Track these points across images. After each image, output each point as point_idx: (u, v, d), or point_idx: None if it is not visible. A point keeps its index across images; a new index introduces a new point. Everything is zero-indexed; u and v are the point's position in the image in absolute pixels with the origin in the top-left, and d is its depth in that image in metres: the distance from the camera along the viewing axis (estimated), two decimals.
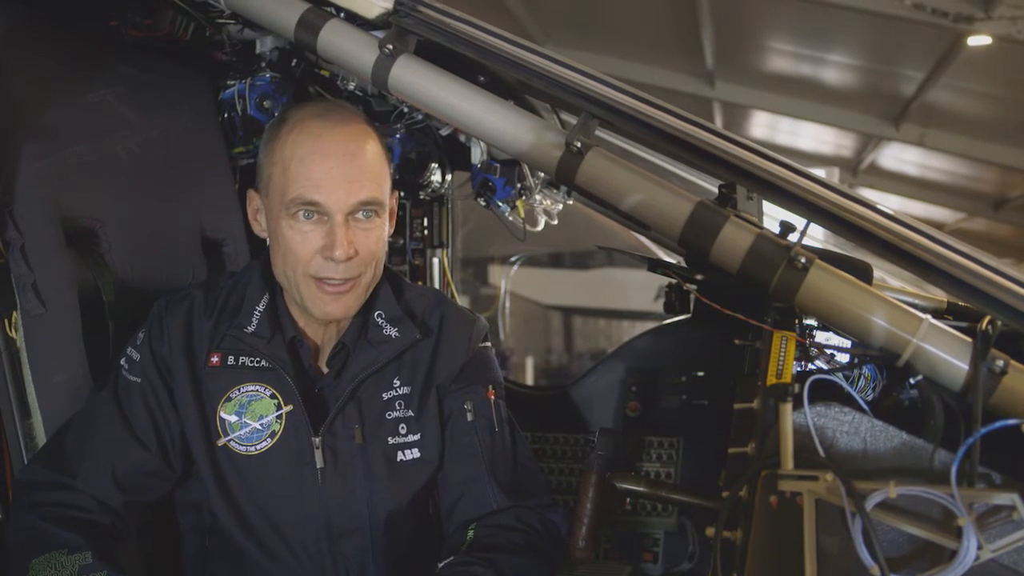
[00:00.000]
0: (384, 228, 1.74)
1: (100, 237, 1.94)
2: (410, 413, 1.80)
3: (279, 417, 1.73)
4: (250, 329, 1.74)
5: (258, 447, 1.72)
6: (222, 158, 2.30)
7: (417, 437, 1.80)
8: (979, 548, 1.31)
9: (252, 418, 1.73)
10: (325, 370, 1.79)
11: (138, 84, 2.13)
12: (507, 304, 6.17)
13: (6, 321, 1.75)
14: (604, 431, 2.03)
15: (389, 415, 1.79)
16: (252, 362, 1.75)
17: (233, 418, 1.73)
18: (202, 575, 1.76)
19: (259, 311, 1.75)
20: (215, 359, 1.74)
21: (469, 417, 1.84)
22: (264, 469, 1.72)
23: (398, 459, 1.78)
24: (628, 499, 2.29)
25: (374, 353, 1.78)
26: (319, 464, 1.72)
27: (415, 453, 1.79)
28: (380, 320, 1.79)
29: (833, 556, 1.36)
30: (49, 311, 1.77)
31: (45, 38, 1.98)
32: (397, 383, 1.80)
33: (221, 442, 1.72)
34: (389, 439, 1.78)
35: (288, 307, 1.79)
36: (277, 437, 1.72)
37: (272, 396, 1.73)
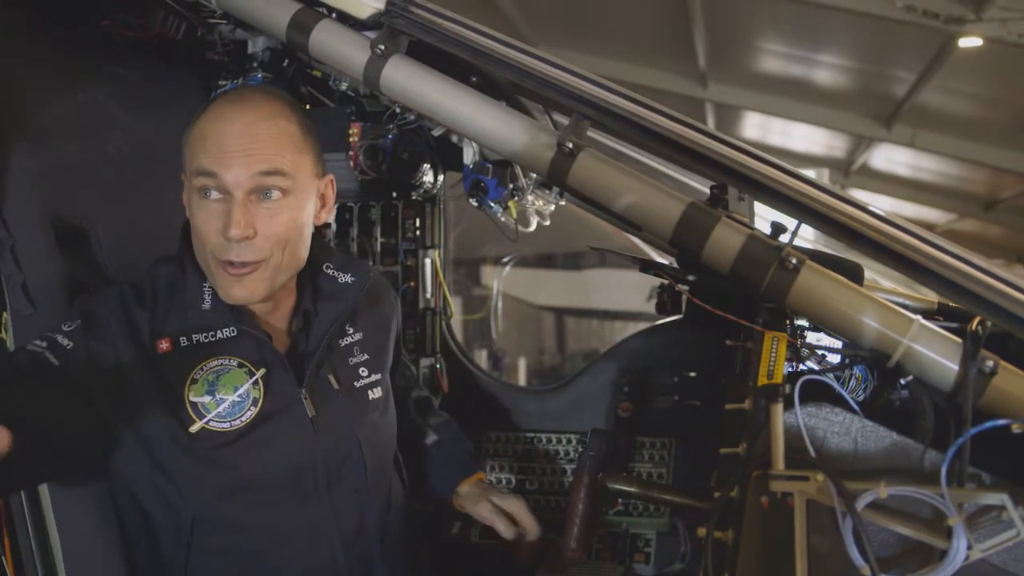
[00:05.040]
0: (298, 210, 1.71)
1: (91, 237, 1.93)
2: (366, 356, 1.89)
3: (256, 384, 1.70)
4: (206, 306, 1.72)
5: (243, 418, 1.69)
6: None
7: (378, 377, 1.90)
8: (969, 548, 1.31)
9: (227, 392, 1.68)
10: (286, 338, 1.81)
11: (129, 84, 2.13)
12: (499, 305, 6.17)
13: None
14: (596, 432, 2.03)
15: (351, 360, 1.87)
16: (207, 338, 1.71)
17: (206, 398, 1.67)
18: (185, 571, 1.71)
19: (207, 287, 1.73)
20: (164, 345, 1.69)
21: (403, 356, 2.15)
22: (256, 437, 1.70)
23: (370, 398, 1.87)
24: (620, 499, 2.29)
25: (338, 304, 1.83)
26: (311, 413, 1.75)
27: (379, 392, 1.89)
28: (331, 271, 1.86)
29: (824, 556, 1.36)
30: (39, 312, 1.76)
31: (36, 38, 1.98)
32: (350, 331, 1.89)
33: (196, 427, 1.66)
34: (356, 383, 1.85)
35: None
36: (261, 402, 1.70)
37: (240, 365, 1.71)
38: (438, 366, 2.63)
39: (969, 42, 7.27)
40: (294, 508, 1.73)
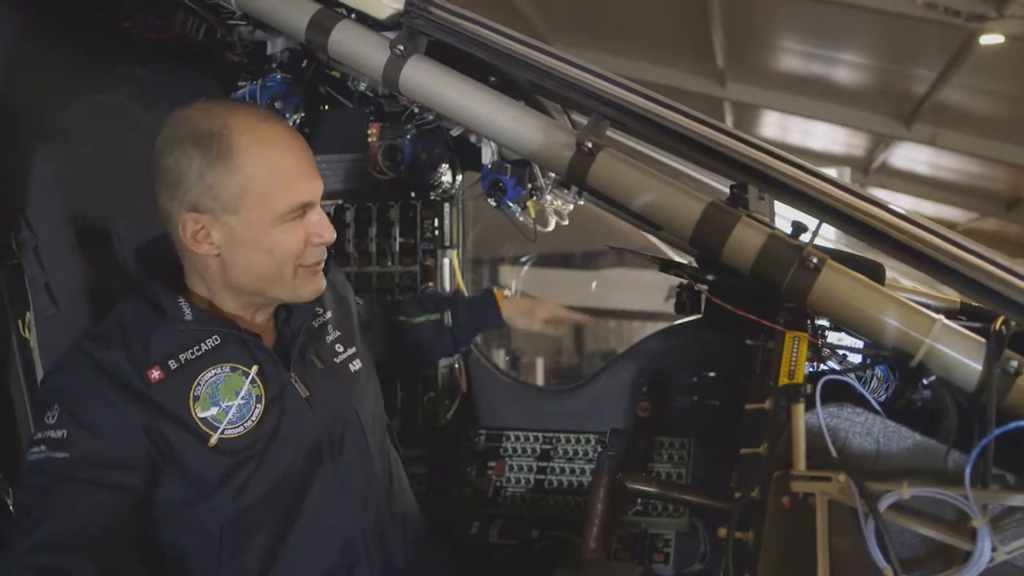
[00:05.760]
0: None
1: (112, 237, 1.95)
2: (338, 333, 1.97)
3: (253, 381, 1.74)
4: (188, 318, 1.72)
5: (253, 417, 1.72)
6: None
7: (353, 351, 1.98)
8: (993, 550, 1.30)
9: (231, 398, 1.71)
10: (272, 331, 1.87)
11: (149, 85, 2.14)
12: None
13: (20, 322, 1.76)
14: (615, 432, 2.02)
15: (327, 339, 1.94)
16: (194, 353, 1.71)
17: (213, 410, 1.69)
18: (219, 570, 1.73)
19: (182, 301, 1.73)
20: (156, 374, 1.67)
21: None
22: (266, 430, 1.74)
23: (352, 371, 1.95)
24: (639, 500, 2.28)
25: None
26: (304, 394, 1.80)
27: (359, 364, 1.97)
28: None
29: (846, 557, 1.35)
30: (62, 312, 1.77)
31: (57, 39, 1.99)
32: (320, 311, 1.96)
33: (214, 440, 1.68)
34: (335, 359, 1.93)
35: (211, 304, 1.79)
36: (264, 396, 1.74)
37: (233, 368, 1.73)
38: (456, 365, 2.63)
39: (990, 39, 7.22)
40: (305, 487, 1.78)
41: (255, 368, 1.74)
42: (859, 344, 1.65)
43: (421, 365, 2.53)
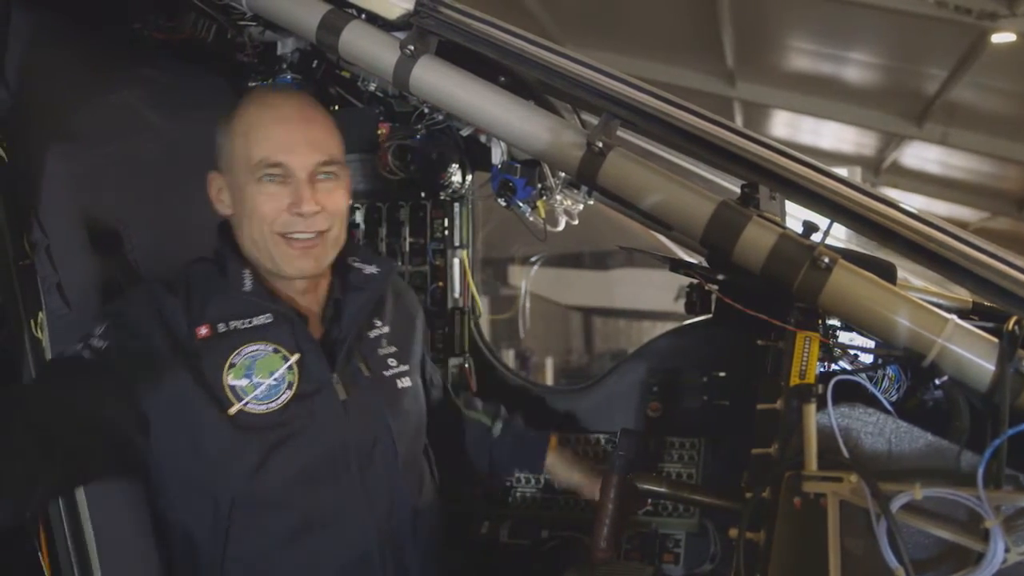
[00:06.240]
0: (345, 190, 1.86)
1: (124, 238, 1.96)
2: (393, 349, 1.97)
3: (291, 368, 1.76)
4: (246, 288, 1.79)
5: (279, 400, 1.75)
6: None
7: (406, 368, 1.97)
8: (1007, 551, 1.30)
9: (263, 376, 1.75)
10: (319, 325, 1.88)
11: (160, 86, 2.15)
12: (527, 304, 6.17)
13: (32, 322, 1.77)
14: (625, 432, 2.02)
15: (380, 351, 1.94)
16: (244, 324, 1.78)
17: (243, 381, 1.74)
18: (223, 555, 1.74)
19: (247, 272, 1.81)
20: (204, 330, 1.75)
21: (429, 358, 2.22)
22: (291, 417, 1.75)
23: (398, 387, 1.93)
24: (649, 500, 2.28)
25: (365, 293, 1.91)
26: (342, 397, 1.80)
27: (407, 382, 1.96)
28: (356, 263, 1.94)
29: (857, 558, 1.35)
30: (74, 312, 1.78)
31: (69, 41, 2.00)
32: (378, 323, 1.97)
33: (234, 409, 1.72)
34: (384, 372, 1.92)
35: (268, 282, 1.84)
36: (296, 385, 1.76)
37: (276, 351, 1.77)
38: (466, 365, 2.63)
39: (1002, 38, 7.17)
40: (328, 488, 1.78)
41: (296, 356, 1.77)
42: (870, 344, 1.64)
43: (445, 462, 2.17)
